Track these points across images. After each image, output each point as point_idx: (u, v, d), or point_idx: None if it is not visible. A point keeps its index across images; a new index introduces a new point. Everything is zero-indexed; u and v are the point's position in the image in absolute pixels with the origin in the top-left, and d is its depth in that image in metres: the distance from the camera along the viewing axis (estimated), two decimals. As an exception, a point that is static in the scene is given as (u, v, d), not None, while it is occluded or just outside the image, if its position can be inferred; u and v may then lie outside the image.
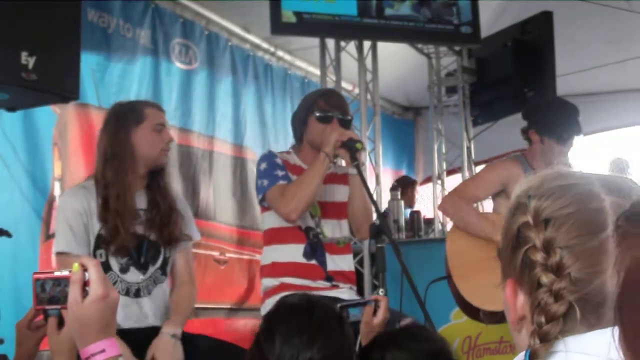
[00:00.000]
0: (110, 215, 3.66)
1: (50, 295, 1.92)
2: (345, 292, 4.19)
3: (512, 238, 1.30)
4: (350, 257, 4.39)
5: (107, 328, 1.86)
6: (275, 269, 4.15)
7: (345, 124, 4.24)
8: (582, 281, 1.20)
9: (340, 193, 4.32)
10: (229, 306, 6.79)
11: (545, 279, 1.21)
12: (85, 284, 1.85)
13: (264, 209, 4.29)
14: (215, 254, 6.74)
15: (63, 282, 1.90)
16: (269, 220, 4.26)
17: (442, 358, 2.50)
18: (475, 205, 4.79)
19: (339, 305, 3.36)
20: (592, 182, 1.28)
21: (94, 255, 3.67)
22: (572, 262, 1.20)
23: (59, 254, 3.73)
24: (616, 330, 1.16)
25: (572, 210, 1.24)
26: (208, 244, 6.65)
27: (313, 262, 4.18)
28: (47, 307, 1.95)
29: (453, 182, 7.92)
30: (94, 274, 1.85)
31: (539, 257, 1.22)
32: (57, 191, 5.28)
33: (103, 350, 1.84)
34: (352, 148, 4.01)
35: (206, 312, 6.51)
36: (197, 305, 6.23)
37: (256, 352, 2.29)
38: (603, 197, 1.25)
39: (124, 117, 3.81)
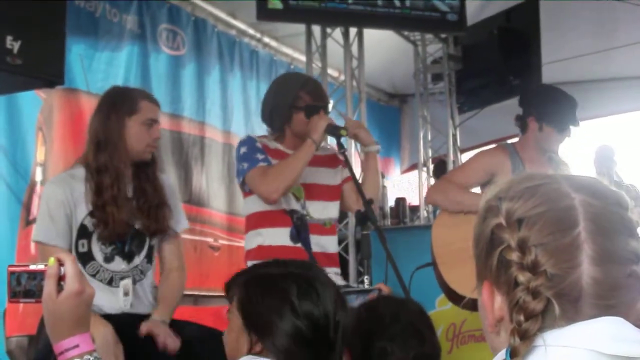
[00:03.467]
0: (104, 202, 3.65)
1: (25, 288, 1.90)
2: (331, 277, 4.20)
3: (486, 240, 1.31)
4: (335, 238, 4.44)
5: (81, 323, 1.85)
6: (262, 252, 4.13)
7: (327, 110, 4.26)
8: (558, 277, 1.22)
9: (325, 175, 4.33)
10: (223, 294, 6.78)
11: (522, 277, 1.22)
12: (60, 278, 1.83)
13: (246, 193, 4.29)
14: (210, 240, 6.75)
15: (39, 275, 1.88)
16: (253, 205, 4.25)
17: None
18: None
19: (342, 291, 3.38)
20: (559, 181, 1.31)
21: (76, 245, 3.67)
22: (547, 259, 1.22)
23: (36, 242, 3.73)
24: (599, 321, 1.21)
25: (544, 210, 1.26)
26: (203, 230, 6.67)
27: (299, 245, 4.19)
28: (22, 300, 1.93)
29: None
30: (70, 269, 1.83)
31: (514, 256, 1.24)
32: (38, 176, 5.25)
33: (77, 346, 1.83)
34: (336, 135, 4.04)
35: (204, 299, 6.50)
36: (194, 293, 6.25)
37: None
38: (573, 195, 1.28)
39: (118, 104, 3.78)
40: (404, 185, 9.63)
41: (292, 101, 4.20)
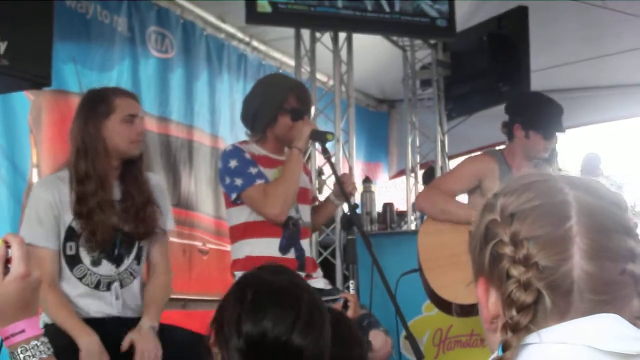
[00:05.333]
0: (89, 210, 3.62)
1: None
2: (320, 282, 4.20)
3: (481, 236, 1.31)
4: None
5: (27, 308, 1.81)
6: (250, 262, 4.08)
7: (310, 114, 4.27)
8: (549, 268, 1.21)
9: (303, 180, 4.33)
10: (214, 298, 6.76)
11: (514, 271, 1.22)
12: (7, 261, 1.79)
13: (232, 204, 4.24)
14: (199, 244, 6.73)
15: None
16: (240, 215, 4.22)
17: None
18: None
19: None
20: (555, 178, 1.32)
21: (64, 248, 3.65)
22: (538, 251, 1.22)
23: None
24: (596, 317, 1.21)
25: (536, 204, 1.26)
26: (192, 234, 6.64)
27: (289, 256, 4.15)
28: None
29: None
30: (16, 251, 1.79)
31: (507, 250, 1.24)
32: (35, 178, 5.23)
33: (23, 331, 1.79)
34: (322, 140, 4.04)
35: (192, 303, 6.46)
36: (183, 297, 6.23)
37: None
38: (567, 191, 1.28)
39: (94, 108, 3.74)
40: (392, 190, 9.64)
41: (280, 103, 4.18)
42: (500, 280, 1.25)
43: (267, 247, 4.15)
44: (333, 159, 4.29)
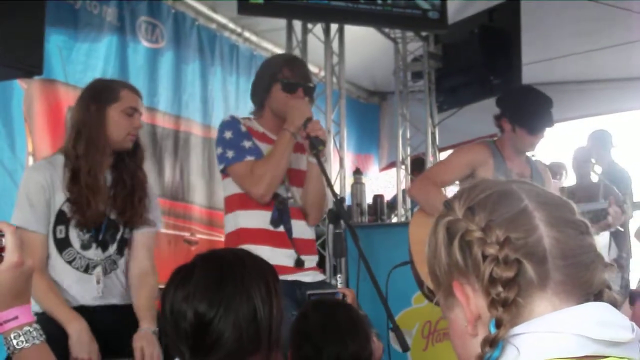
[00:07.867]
0: (80, 189, 3.64)
1: None
2: (309, 275, 4.18)
3: (443, 240, 1.37)
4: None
5: (21, 296, 1.85)
6: (242, 235, 4.09)
7: (309, 92, 4.23)
8: (521, 239, 1.27)
9: (303, 162, 4.31)
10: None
11: (490, 249, 1.27)
12: (1, 249, 1.83)
13: (226, 175, 4.24)
14: (186, 234, 6.73)
15: None
16: (233, 186, 4.21)
17: None
18: (444, 190, 4.78)
19: (307, 292, 3.37)
20: (495, 178, 1.42)
21: (54, 231, 3.67)
22: (506, 228, 1.28)
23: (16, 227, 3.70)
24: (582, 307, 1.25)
25: (489, 193, 1.35)
26: (177, 224, 6.63)
27: (280, 229, 4.15)
28: None
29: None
30: (9, 240, 1.83)
31: (477, 234, 1.29)
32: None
33: (16, 317, 1.83)
34: (314, 146, 4.01)
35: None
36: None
37: None
38: (509, 183, 1.38)
39: (99, 93, 3.79)
40: (382, 182, 9.65)
41: (274, 73, 4.19)
42: (477, 267, 1.28)
43: (258, 219, 4.14)
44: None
